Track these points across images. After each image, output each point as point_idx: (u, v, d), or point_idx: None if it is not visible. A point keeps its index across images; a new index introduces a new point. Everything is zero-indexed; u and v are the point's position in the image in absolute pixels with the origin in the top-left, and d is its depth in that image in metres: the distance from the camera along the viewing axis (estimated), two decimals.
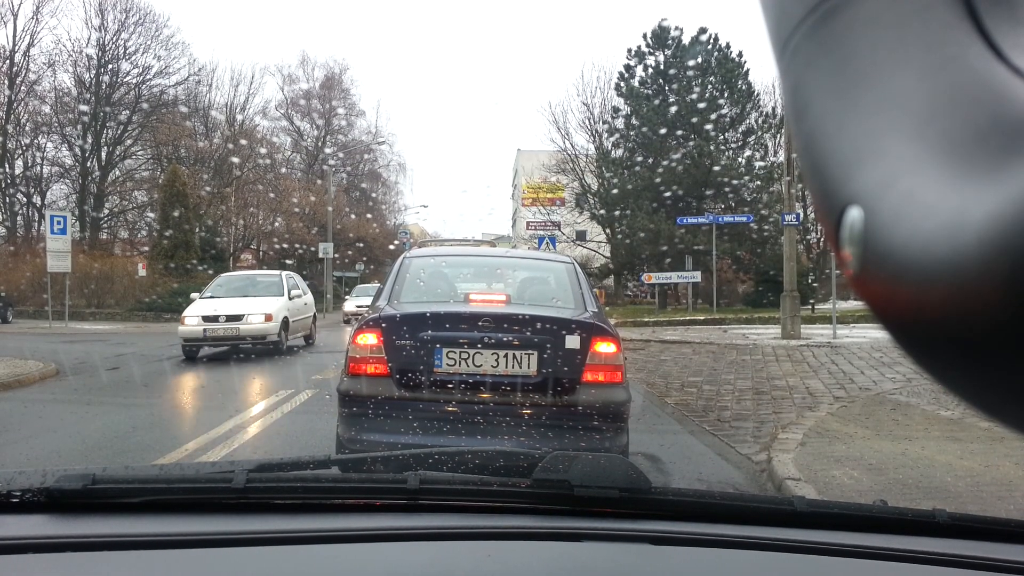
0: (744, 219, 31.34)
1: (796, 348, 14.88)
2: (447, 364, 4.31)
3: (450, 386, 4.29)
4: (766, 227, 32.55)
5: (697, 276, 30.90)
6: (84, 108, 37.63)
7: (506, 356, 4.30)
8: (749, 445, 6.66)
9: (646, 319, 25.29)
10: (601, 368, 4.36)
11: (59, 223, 22.60)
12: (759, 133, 37.20)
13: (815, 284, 29.78)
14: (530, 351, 4.30)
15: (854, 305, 23.24)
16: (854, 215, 0.33)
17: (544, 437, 4.24)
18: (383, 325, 4.42)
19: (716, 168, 33.67)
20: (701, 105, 34.11)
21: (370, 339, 4.36)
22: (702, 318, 25.30)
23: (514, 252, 10.74)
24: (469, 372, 4.30)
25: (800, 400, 8.79)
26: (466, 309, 4.57)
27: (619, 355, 4.46)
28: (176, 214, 29.21)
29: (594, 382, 4.34)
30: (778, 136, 34.67)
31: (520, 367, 4.31)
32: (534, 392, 4.30)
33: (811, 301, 27.75)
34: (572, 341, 4.34)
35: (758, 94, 37.39)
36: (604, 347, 4.38)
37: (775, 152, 36.10)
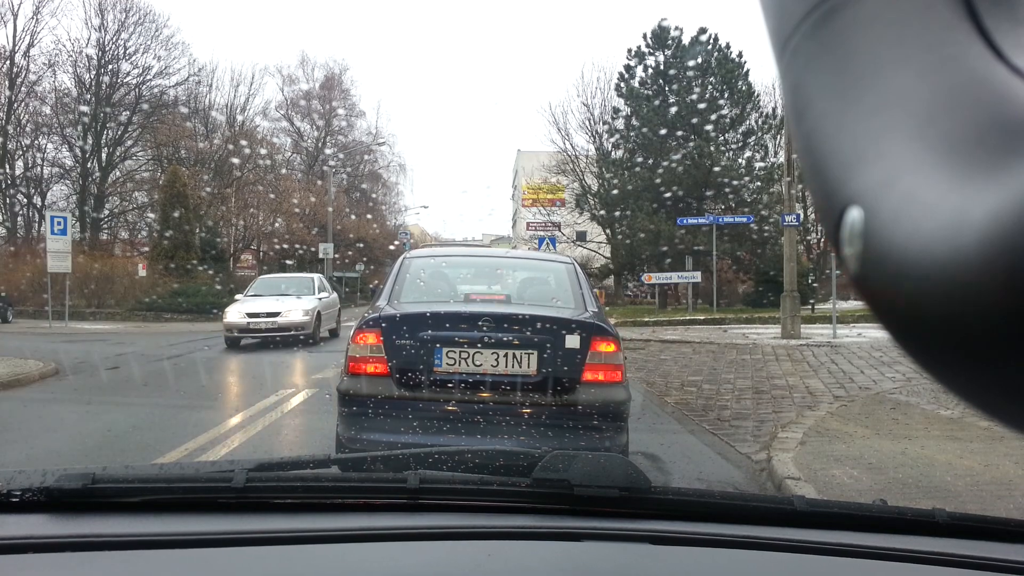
0: (744, 220, 31.31)
1: (796, 348, 14.88)
2: (447, 364, 4.31)
3: (450, 385, 4.29)
4: (766, 227, 32.56)
5: (697, 276, 30.88)
6: (84, 109, 37.63)
7: (506, 356, 4.30)
8: (749, 444, 6.66)
9: (646, 319, 25.27)
10: (601, 367, 4.36)
11: (59, 224, 22.58)
12: (759, 134, 37.16)
13: (815, 284, 29.78)
14: (530, 351, 4.30)
15: (854, 305, 23.23)
16: (854, 215, 0.33)
17: (544, 436, 4.24)
18: (383, 325, 4.43)
19: (716, 169, 33.64)
20: (701, 106, 34.09)
21: (370, 339, 4.36)
22: (702, 318, 25.28)
23: (514, 252, 10.75)
24: (469, 372, 4.30)
25: (800, 399, 8.79)
26: (466, 309, 4.58)
27: (619, 354, 4.46)
28: (176, 215, 29.19)
29: (594, 381, 4.34)
30: (778, 137, 34.66)
31: (520, 367, 4.31)
32: (534, 391, 4.30)
33: (811, 301, 27.75)
34: (572, 341, 4.34)
35: (758, 95, 37.37)
36: (604, 346, 4.38)
37: (775, 153, 36.08)
